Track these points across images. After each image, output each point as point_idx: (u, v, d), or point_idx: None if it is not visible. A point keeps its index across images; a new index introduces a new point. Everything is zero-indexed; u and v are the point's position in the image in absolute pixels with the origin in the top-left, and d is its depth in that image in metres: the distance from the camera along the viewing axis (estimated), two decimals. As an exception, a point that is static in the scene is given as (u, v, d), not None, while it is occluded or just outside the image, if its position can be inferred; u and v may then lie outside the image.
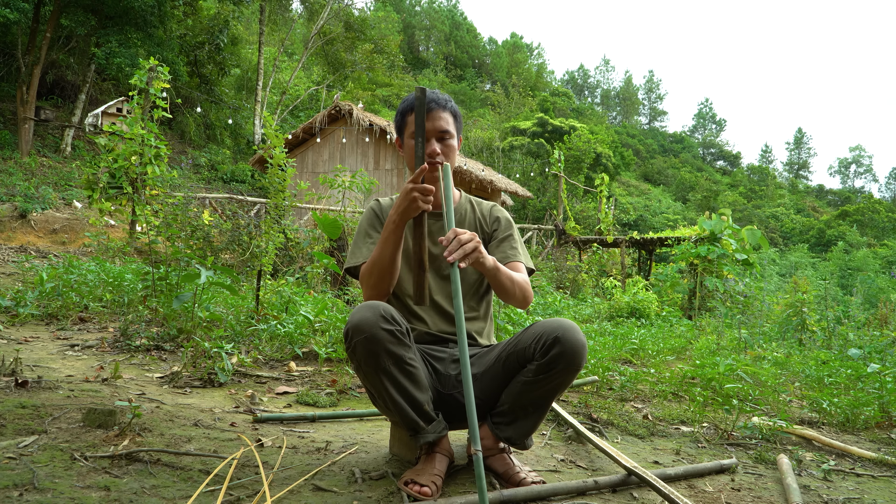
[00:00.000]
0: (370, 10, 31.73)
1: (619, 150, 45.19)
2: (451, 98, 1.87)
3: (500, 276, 1.67)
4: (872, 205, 47.90)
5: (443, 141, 1.80)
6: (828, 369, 3.64)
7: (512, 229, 1.96)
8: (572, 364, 1.61)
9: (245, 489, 1.56)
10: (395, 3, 51.93)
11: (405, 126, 1.83)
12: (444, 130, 1.79)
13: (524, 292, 1.75)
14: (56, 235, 11.42)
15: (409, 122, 1.82)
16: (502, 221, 1.97)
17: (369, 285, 1.75)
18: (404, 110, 1.84)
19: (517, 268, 1.85)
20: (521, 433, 1.73)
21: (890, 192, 76.62)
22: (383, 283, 1.74)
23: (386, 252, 1.69)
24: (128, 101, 8.93)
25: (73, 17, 15.04)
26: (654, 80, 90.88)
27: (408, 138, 1.82)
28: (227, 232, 6.96)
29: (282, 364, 3.35)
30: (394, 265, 1.72)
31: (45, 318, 4.11)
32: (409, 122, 1.82)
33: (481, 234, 1.95)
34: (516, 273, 1.77)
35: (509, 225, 1.97)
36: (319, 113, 15.99)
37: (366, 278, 1.75)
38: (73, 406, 2.11)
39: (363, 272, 1.77)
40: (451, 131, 1.81)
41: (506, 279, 1.69)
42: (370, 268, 1.74)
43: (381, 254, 1.70)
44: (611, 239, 11.56)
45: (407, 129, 1.83)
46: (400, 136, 1.88)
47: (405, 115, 1.83)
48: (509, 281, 1.70)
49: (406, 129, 1.83)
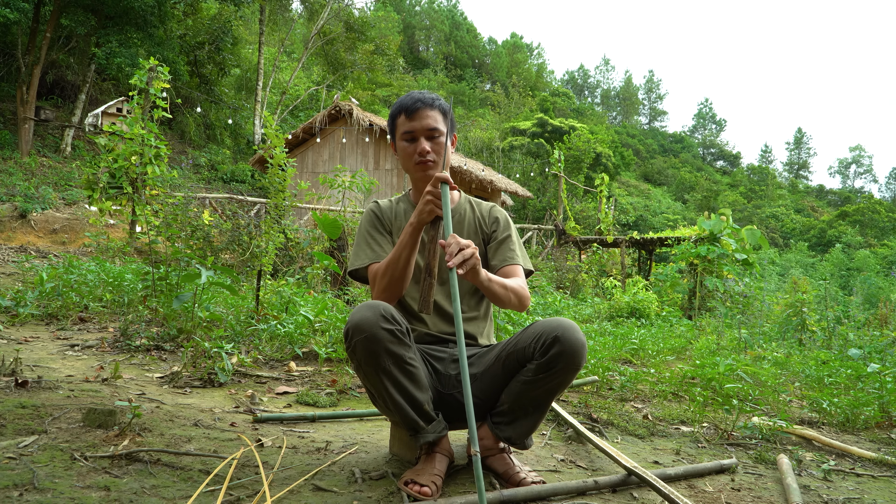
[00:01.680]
0: (370, 10, 31.73)
1: (619, 150, 45.19)
2: (441, 96, 1.88)
3: (493, 287, 1.67)
4: (872, 205, 47.92)
5: (432, 139, 1.81)
6: (828, 369, 3.64)
7: (510, 230, 1.96)
8: (572, 363, 1.61)
9: (245, 489, 1.56)
10: (395, 3, 51.92)
11: (396, 128, 1.85)
12: (433, 128, 1.80)
13: (519, 297, 1.75)
14: (56, 235, 11.42)
15: (400, 124, 1.83)
16: (501, 221, 1.97)
17: (381, 287, 1.75)
18: (394, 113, 1.85)
19: (515, 271, 1.84)
20: (521, 433, 1.73)
21: (890, 192, 76.63)
22: (396, 286, 1.74)
23: (403, 256, 1.69)
24: (128, 101, 8.93)
25: (73, 16, 15.04)
26: (654, 80, 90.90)
27: (399, 140, 1.84)
28: (227, 232, 6.96)
29: (282, 364, 3.35)
30: (408, 269, 1.72)
31: (45, 318, 4.11)
32: (400, 124, 1.83)
33: (481, 234, 1.94)
34: (510, 279, 1.77)
35: (508, 225, 1.97)
36: (319, 113, 15.99)
37: (378, 280, 1.75)
38: (73, 406, 2.11)
39: (375, 274, 1.77)
40: (440, 129, 1.81)
41: (498, 287, 1.68)
42: (384, 270, 1.73)
43: (398, 257, 1.70)
44: (611, 239, 11.57)
45: (398, 130, 1.84)
46: (392, 138, 1.89)
47: (395, 117, 1.85)
48: (502, 288, 1.70)
49: (397, 130, 1.84)
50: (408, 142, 1.82)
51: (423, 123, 1.79)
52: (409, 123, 1.80)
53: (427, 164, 1.80)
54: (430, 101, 1.82)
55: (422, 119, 1.79)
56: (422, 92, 1.85)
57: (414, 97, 1.82)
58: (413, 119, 1.80)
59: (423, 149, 1.79)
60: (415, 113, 1.79)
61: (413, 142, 1.81)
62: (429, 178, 1.81)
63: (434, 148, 1.80)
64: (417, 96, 1.82)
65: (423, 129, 1.80)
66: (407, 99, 1.83)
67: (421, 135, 1.80)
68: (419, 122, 1.79)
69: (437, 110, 1.82)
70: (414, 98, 1.82)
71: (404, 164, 1.87)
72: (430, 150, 1.80)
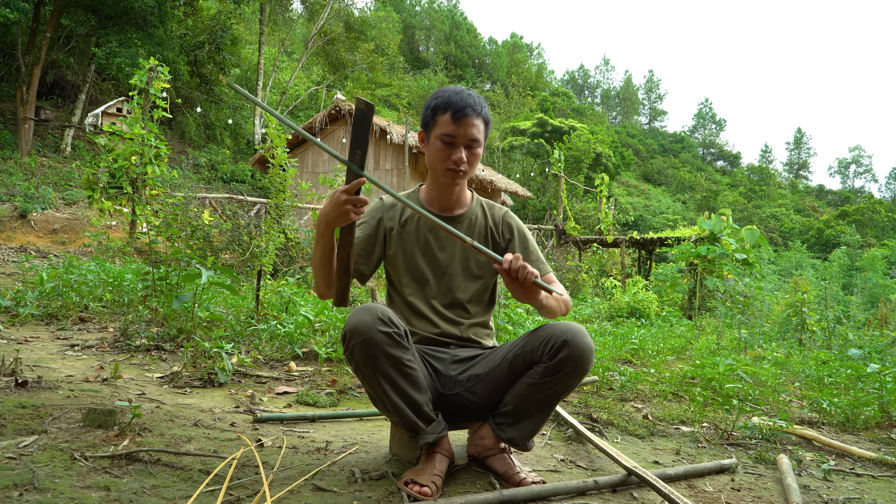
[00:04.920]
0: (370, 10, 31.72)
1: (619, 150, 45.21)
2: (485, 102, 1.77)
3: (549, 300, 1.66)
4: (872, 205, 47.93)
5: (470, 149, 1.73)
6: (828, 369, 3.64)
7: (528, 241, 1.92)
8: (580, 367, 1.61)
9: (245, 489, 1.56)
10: (395, 3, 51.93)
11: (435, 125, 1.73)
12: (475, 139, 1.71)
13: (567, 304, 1.77)
14: (56, 235, 11.42)
15: (441, 123, 1.71)
16: (516, 231, 1.92)
17: (314, 285, 1.75)
18: (438, 107, 1.72)
19: (548, 280, 1.81)
20: (524, 434, 1.73)
21: (890, 192, 76.66)
22: (318, 280, 1.70)
23: (315, 255, 1.66)
24: (128, 101, 8.93)
25: (73, 17, 15.04)
26: (654, 80, 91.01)
27: (435, 138, 1.73)
28: (227, 232, 6.97)
29: (282, 364, 3.35)
30: (323, 268, 1.66)
31: (45, 318, 4.11)
32: (441, 122, 1.71)
33: (492, 241, 1.91)
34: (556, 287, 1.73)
35: (524, 233, 1.93)
36: (319, 113, 15.99)
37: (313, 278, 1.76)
38: (73, 406, 2.11)
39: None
40: (480, 140, 1.73)
41: (552, 299, 1.68)
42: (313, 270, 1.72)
43: (313, 256, 1.68)
44: (611, 239, 11.56)
45: (437, 128, 1.72)
46: (426, 129, 1.77)
47: (437, 112, 1.72)
48: (555, 300, 1.69)
49: (436, 128, 1.72)
50: (445, 144, 1.72)
51: (468, 132, 1.70)
52: (454, 127, 1.69)
53: (458, 173, 1.74)
54: (478, 109, 1.71)
55: (468, 127, 1.69)
56: (471, 94, 1.73)
57: (465, 100, 1.69)
58: (459, 124, 1.69)
59: (460, 157, 1.71)
60: (462, 119, 1.68)
61: (451, 146, 1.72)
62: (453, 186, 1.79)
63: (469, 159, 1.73)
64: (468, 100, 1.70)
65: (466, 138, 1.70)
66: (456, 98, 1.70)
67: (462, 143, 1.71)
68: (464, 129, 1.69)
69: (482, 119, 1.73)
70: (465, 102, 1.69)
71: (431, 163, 1.78)
72: (466, 161, 1.72)
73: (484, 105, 1.75)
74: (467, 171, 1.75)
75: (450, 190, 1.83)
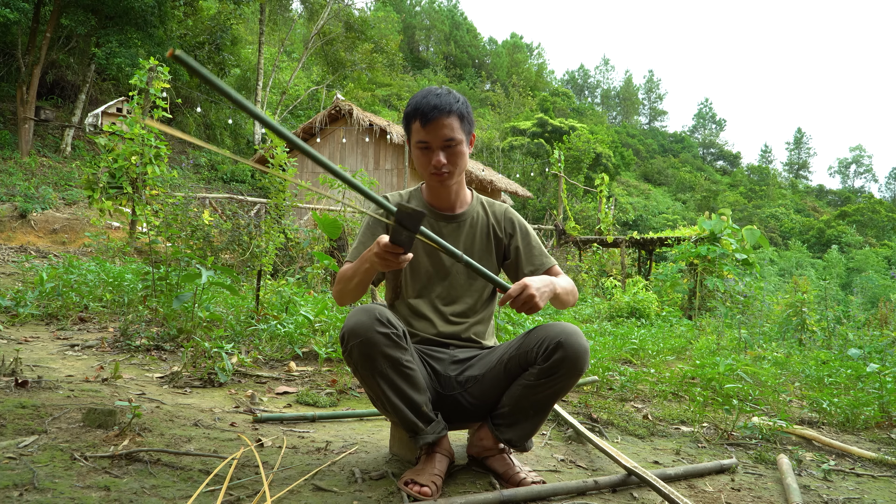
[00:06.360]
0: (370, 10, 31.73)
1: (619, 150, 45.22)
2: (459, 96, 1.73)
3: (560, 297, 1.72)
4: (872, 205, 47.96)
5: (448, 149, 1.71)
6: (828, 369, 3.64)
7: (530, 236, 1.93)
8: (574, 369, 1.61)
9: (245, 489, 1.56)
10: (395, 3, 51.92)
11: (411, 134, 1.74)
12: (450, 139, 1.69)
13: (576, 295, 1.83)
14: (56, 235, 11.42)
15: (415, 131, 1.71)
16: (518, 227, 1.93)
17: (335, 290, 1.76)
18: (409, 115, 1.73)
19: (554, 272, 1.85)
20: (522, 435, 1.73)
21: (890, 192, 76.66)
22: (345, 296, 1.73)
23: (355, 280, 1.66)
24: (128, 101, 8.93)
25: (73, 17, 15.04)
26: (653, 80, 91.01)
27: (414, 147, 1.75)
28: (227, 232, 6.96)
29: (282, 364, 3.35)
30: (358, 290, 1.69)
31: (45, 318, 4.11)
32: (415, 130, 1.71)
33: (494, 238, 1.91)
34: (562, 281, 1.77)
35: (526, 229, 1.94)
36: (319, 113, 15.99)
37: (337, 281, 1.75)
38: (73, 406, 2.11)
39: (341, 274, 1.74)
40: (456, 137, 1.70)
41: (563, 294, 1.74)
42: (341, 277, 1.72)
43: (351, 278, 1.67)
44: (611, 239, 11.56)
45: (412, 136, 1.73)
46: (408, 138, 1.79)
47: (410, 120, 1.73)
48: (566, 293, 1.75)
49: (412, 136, 1.74)
50: (422, 150, 1.73)
51: (440, 133, 1.68)
52: (424, 133, 1.69)
53: (442, 175, 1.73)
54: (446, 109, 1.68)
55: (438, 129, 1.68)
56: (438, 94, 1.70)
57: (430, 103, 1.68)
58: (428, 129, 1.68)
59: (438, 161, 1.70)
60: (431, 122, 1.67)
61: (428, 150, 1.72)
62: (445, 187, 1.80)
63: (450, 158, 1.72)
64: (434, 102, 1.68)
65: (440, 140, 1.69)
66: (423, 103, 1.68)
67: (437, 146, 1.70)
68: (434, 132, 1.68)
69: (455, 116, 1.69)
70: (430, 104, 1.67)
71: (419, 170, 1.79)
72: (446, 163, 1.71)
73: (456, 101, 1.71)
74: (451, 171, 1.74)
75: (444, 191, 1.83)
